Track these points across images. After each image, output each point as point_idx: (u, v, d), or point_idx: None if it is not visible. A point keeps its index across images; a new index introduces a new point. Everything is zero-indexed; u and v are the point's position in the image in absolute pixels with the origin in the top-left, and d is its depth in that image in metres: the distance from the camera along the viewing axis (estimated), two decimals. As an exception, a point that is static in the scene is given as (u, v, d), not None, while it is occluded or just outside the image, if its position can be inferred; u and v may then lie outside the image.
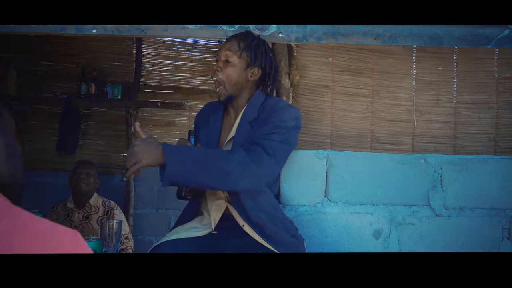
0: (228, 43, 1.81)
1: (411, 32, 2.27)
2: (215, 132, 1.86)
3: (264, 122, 1.75)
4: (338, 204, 2.10)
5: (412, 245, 2.10)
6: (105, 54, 4.28)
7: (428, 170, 2.10)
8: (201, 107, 2.09)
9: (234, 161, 1.59)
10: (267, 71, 1.84)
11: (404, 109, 3.34)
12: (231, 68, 1.76)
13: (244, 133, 1.76)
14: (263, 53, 1.82)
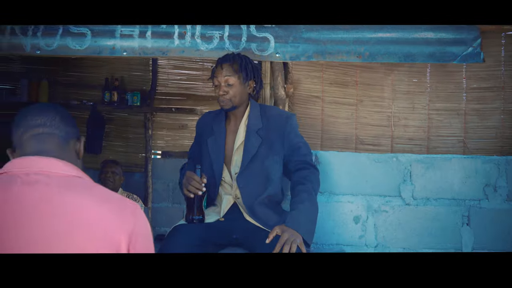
0: (224, 70, 2.01)
1: (387, 51, 2.49)
2: (221, 139, 2.07)
3: (284, 140, 2.03)
4: (324, 194, 2.35)
5: (386, 228, 2.35)
6: (125, 65, 4.55)
7: (399, 167, 2.34)
8: (202, 115, 2.29)
9: (317, 187, 2.00)
10: (257, 81, 2.08)
11: (384, 115, 3.54)
12: (234, 88, 1.99)
13: (253, 142, 2.00)
14: (252, 67, 2.05)
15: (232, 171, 2.05)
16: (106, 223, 0.99)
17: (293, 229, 1.77)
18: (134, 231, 1.02)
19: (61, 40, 2.46)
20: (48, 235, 0.95)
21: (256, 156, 1.99)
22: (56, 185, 1.01)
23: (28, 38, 2.46)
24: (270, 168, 2.01)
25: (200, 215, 1.95)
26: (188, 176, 1.91)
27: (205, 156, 2.10)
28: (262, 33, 2.46)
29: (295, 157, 2.02)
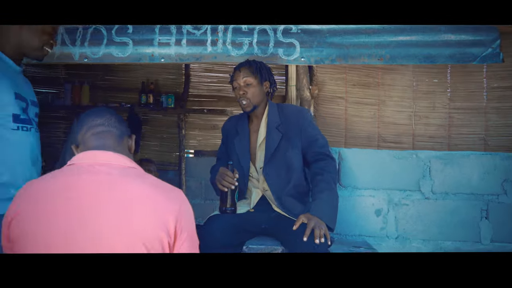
0: (241, 72, 2.20)
1: (408, 53, 2.54)
2: (245, 138, 2.26)
3: (300, 132, 2.17)
4: (347, 188, 2.50)
5: (406, 221, 2.47)
6: (159, 69, 4.72)
7: (419, 163, 2.46)
8: (227, 119, 2.47)
9: (335, 176, 2.12)
10: (271, 82, 2.27)
11: (406, 114, 3.61)
12: (252, 88, 2.18)
13: (274, 137, 2.18)
14: (266, 70, 2.25)
15: (257, 166, 2.22)
16: (156, 203, 1.17)
17: (317, 217, 1.94)
18: (180, 212, 1.19)
19: (106, 48, 2.64)
20: (110, 214, 1.13)
21: (277, 149, 2.15)
22: (116, 174, 1.20)
23: (77, 48, 2.65)
24: (292, 159, 2.16)
25: (232, 207, 2.13)
26: (221, 172, 2.09)
27: (233, 155, 2.28)
28: (288, 39, 2.58)
29: (312, 148, 2.17)
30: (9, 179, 1.67)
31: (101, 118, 1.32)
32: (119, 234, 1.13)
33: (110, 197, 1.15)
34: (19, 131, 1.71)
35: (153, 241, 1.14)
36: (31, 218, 1.15)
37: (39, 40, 1.81)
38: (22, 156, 1.73)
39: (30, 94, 1.85)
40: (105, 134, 1.30)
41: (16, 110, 1.70)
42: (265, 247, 2.10)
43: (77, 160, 1.24)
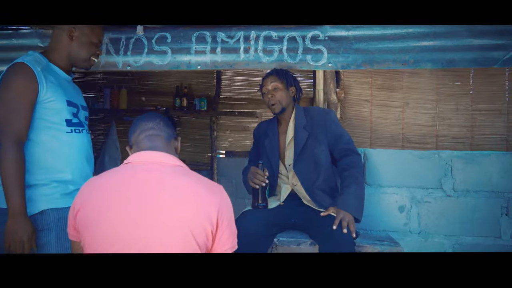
0: (269, 79, 2.43)
1: (431, 58, 2.60)
2: (275, 139, 2.45)
3: (326, 131, 2.33)
4: (372, 186, 2.63)
5: (428, 217, 2.57)
6: (193, 74, 4.88)
7: (441, 162, 2.57)
8: (257, 124, 2.67)
9: (361, 170, 2.26)
10: (297, 87, 2.47)
11: (429, 116, 3.70)
12: (279, 92, 2.40)
13: (302, 136, 2.35)
14: (292, 77, 2.46)
15: (286, 163, 2.40)
16: (201, 196, 1.34)
17: (344, 210, 2.10)
18: (221, 205, 1.36)
19: (146, 57, 2.83)
20: (162, 206, 1.30)
21: (305, 147, 2.33)
22: (166, 171, 1.37)
23: (120, 57, 2.84)
24: (319, 156, 2.33)
25: (264, 202, 2.31)
26: (253, 171, 2.28)
27: (263, 156, 2.48)
28: (316, 45, 2.70)
29: (338, 145, 2.33)
30: (68, 176, 1.86)
31: (152, 122, 1.50)
32: (171, 223, 1.28)
33: (162, 191, 1.32)
34: (73, 133, 1.90)
35: (199, 228, 1.30)
36: (95, 210, 1.32)
37: (87, 52, 1.99)
38: (77, 155, 1.92)
39: (80, 100, 2.04)
40: (156, 136, 1.47)
41: (69, 116, 1.89)
42: (295, 240, 2.24)
43: (132, 159, 1.42)
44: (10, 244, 1.70)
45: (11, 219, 1.70)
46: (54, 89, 1.85)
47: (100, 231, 1.31)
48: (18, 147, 1.73)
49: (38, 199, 1.80)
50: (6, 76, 1.80)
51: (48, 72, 1.87)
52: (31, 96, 1.78)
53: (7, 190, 1.70)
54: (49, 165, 1.83)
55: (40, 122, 1.82)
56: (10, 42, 2.96)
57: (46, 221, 1.80)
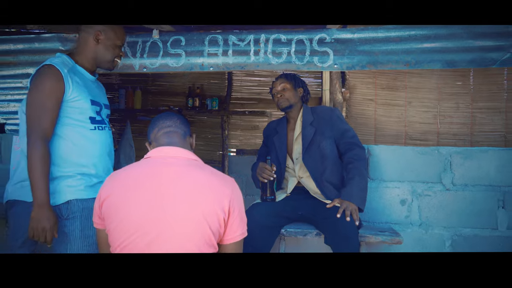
0: (278, 81, 2.66)
1: (432, 59, 2.66)
2: (283, 135, 2.62)
3: (332, 126, 2.48)
4: (375, 181, 2.75)
5: (429, 210, 2.69)
6: (204, 75, 4.97)
7: (440, 158, 2.69)
8: (267, 124, 2.83)
9: (364, 163, 2.40)
10: (304, 89, 2.64)
11: (431, 114, 3.79)
12: (288, 92, 2.60)
13: (309, 131, 2.50)
14: (299, 79, 2.65)
15: (294, 157, 2.56)
16: (215, 187, 1.47)
17: (348, 201, 2.25)
18: (232, 195, 1.49)
19: (162, 59, 2.94)
20: (179, 196, 1.43)
21: (312, 141, 2.49)
22: (184, 165, 1.52)
23: (137, 59, 2.96)
24: (326, 149, 2.48)
25: (272, 196, 2.45)
26: (261, 166, 2.44)
27: (272, 152, 2.64)
28: (322, 47, 2.80)
29: (343, 139, 2.49)
30: (92, 170, 1.99)
31: (169, 121, 1.63)
32: (188, 210, 1.42)
33: (179, 182, 1.45)
34: (96, 130, 2.02)
35: (212, 216, 1.43)
36: (119, 200, 1.45)
37: (112, 54, 2.10)
38: (100, 151, 2.04)
39: (103, 99, 2.16)
40: (173, 133, 1.61)
41: (92, 114, 2.01)
42: (301, 230, 2.39)
43: (152, 154, 1.56)
44: (34, 233, 1.82)
45: (36, 209, 1.81)
46: (79, 89, 1.96)
47: (123, 218, 1.43)
48: (44, 144, 1.84)
49: (65, 190, 1.92)
50: (35, 77, 1.93)
51: (74, 73, 1.99)
52: (58, 96, 1.90)
53: (34, 182, 1.81)
54: (74, 159, 1.95)
55: (66, 119, 1.94)
56: (33, 46, 3.10)
57: (72, 210, 1.91)
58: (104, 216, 1.50)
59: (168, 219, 1.41)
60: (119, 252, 1.46)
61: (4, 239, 3.13)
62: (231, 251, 1.56)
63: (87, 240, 1.93)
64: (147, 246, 1.41)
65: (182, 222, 1.41)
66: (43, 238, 1.82)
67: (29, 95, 1.91)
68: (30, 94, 1.90)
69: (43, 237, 1.82)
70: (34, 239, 1.84)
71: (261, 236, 2.28)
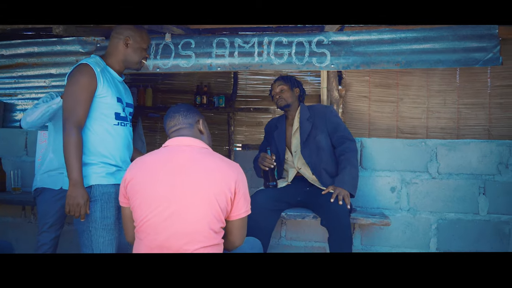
0: (277, 83, 2.84)
1: (421, 59, 2.81)
2: (282, 130, 2.82)
3: (326, 121, 2.65)
4: (368, 170, 2.93)
5: (416, 196, 2.86)
6: (212, 74, 5.07)
7: (427, 149, 2.86)
8: (268, 121, 3.00)
9: (355, 154, 2.57)
10: (301, 89, 2.83)
11: (420, 110, 3.94)
12: (286, 93, 2.79)
13: (306, 126, 2.69)
14: (295, 80, 2.83)
15: (292, 150, 2.76)
16: (223, 171, 1.67)
17: (341, 187, 2.47)
18: (238, 177, 1.69)
19: (173, 60, 3.10)
20: (194, 178, 1.64)
21: (309, 135, 2.69)
22: (195, 152, 1.73)
23: (151, 60, 3.12)
24: (321, 142, 2.68)
25: (274, 182, 2.67)
26: (262, 156, 2.67)
27: (272, 145, 2.84)
28: (320, 49, 2.96)
29: (336, 133, 2.66)
30: (112, 160, 2.17)
31: (173, 120, 1.80)
32: (200, 189, 1.62)
33: (193, 166, 1.66)
34: (119, 126, 2.20)
35: (221, 195, 1.63)
36: (141, 181, 1.66)
37: (139, 56, 2.27)
38: (120, 144, 2.21)
39: (128, 98, 2.34)
40: (180, 130, 1.80)
41: (118, 110, 2.18)
42: (300, 214, 2.61)
43: (169, 143, 1.77)
44: (70, 209, 1.98)
45: (71, 188, 1.97)
46: (108, 87, 2.13)
47: (145, 196, 1.64)
48: (78, 131, 2.02)
49: (89, 175, 2.08)
50: (72, 73, 2.11)
51: (105, 73, 2.17)
52: (91, 90, 2.07)
53: (69, 164, 1.97)
54: (98, 149, 2.12)
55: (95, 113, 2.12)
56: (55, 48, 3.30)
57: (94, 194, 2.08)
58: (129, 195, 1.69)
59: (184, 197, 1.60)
60: (141, 226, 1.65)
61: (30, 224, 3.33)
62: (236, 226, 1.75)
63: (106, 220, 2.10)
64: (166, 220, 1.60)
65: (196, 200, 1.60)
66: (78, 213, 2.00)
67: (67, 89, 2.08)
68: (67, 88, 2.08)
69: (77, 212, 2.00)
70: (70, 214, 2.01)
71: (265, 217, 2.50)
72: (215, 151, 1.76)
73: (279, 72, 4.66)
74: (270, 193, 2.64)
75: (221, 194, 1.62)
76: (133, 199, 1.68)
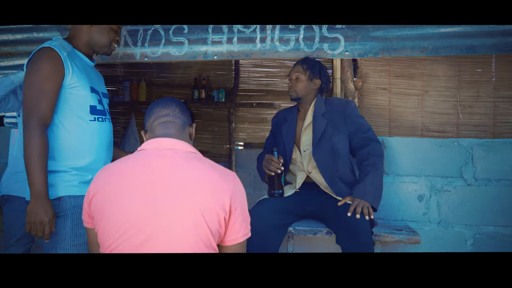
0: (295, 67, 2.48)
1: (450, 44, 2.53)
2: (292, 124, 2.50)
3: (346, 120, 2.34)
4: (390, 175, 2.61)
5: (448, 207, 2.55)
6: (211, 66, 4.92)
7: (461, 150, 2.54)
8: (277, 112, 2.71)
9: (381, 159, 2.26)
10: (323, 80, 2.48)
11: (450, 104, 3.68)
12: (301, 83, 2.45)
13: (320, 122, 2.37)
14: (319, 69, 2.47)
15: (301, 149, 2.42)
16: (214, 182, 1.35)
17: (360, 199, 2.11)
18: (234, 191, 1.37)
19: (164, 48, 2.84)
20: (176, 192, 1.31)
21: (324, 134, 2.34)
22: (179, 158, 1.39)
23: (138, 48, 2.86)
24: (338, 145, 2.34)
25: (280, 190, 2.32)
26: (268, 158, 2.31)
27: (280, 141, 2.51)
28: (333, 34, 2.67)
29: (358, 134, 2.34)
30: (88, 164, 1.88)
31: (167, 109, 1.50)
32: (184, 207, 1.30)
33: (174, 177, 1.33)
34: (95, 122, 1.91)
35: (211, 215, 1.31)
36: (109, 195, 1.34)
37: (107, 38, 2.01)
38: (99, 144, 1.93)
39: (102, 87, 2.07)
40: (170, 123, 1.48)
41: (93, 102, 1.90)
42: (311, 228, 2.26)
43: (146, 146, 1.44)
44: (31, 227, 1.72)
45: (33, 201, 1.71)
46: (79, 74, 1.87)
47: (113, 216, 1.33)
48: (42, 130, 1.75)
49: (57, 185, 1.82)
50: (32, 60, 1.83)
51: (73, 57, 1.90)
52: (57, 79, 1.81)
53: (30, 172, 1.71)
54: (70, 151, 1.85)
55: (64, 107, 1.85)
56: (31, 36, 3.01)
57: (63, 208, 1.82)
58: (93, 213, 1.40)
59: (162, 218, 1.30)
60: (109, 252, 1.35)
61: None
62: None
63: (78, 239, 1.83)
64: (139, 246, 1.31)
65: (177, 221, 1.30)
66: (41, 233, 1.73)
67: (27, 79, 1.81)
68: (27, 78, 1.80)
69: (40, 232, 1.72)
70: (32, 234, 1.75)
71: (268, 236, 2.15)
72: (214, 151, 1.38)
73: (283, 62, 4.56)
74: (275, 203, 2.29)
75: (211, 213, 1.32)
76: (98, 219, 1.38)
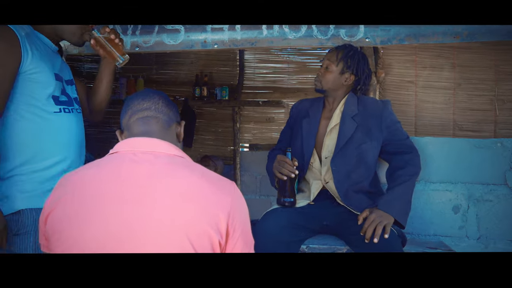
0: (329, 54, 2.17)
1: (489, 29, 2.33)
2: (315, 121, 2.19)
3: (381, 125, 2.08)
4: (420, 182, 2.36)
5: (490, 219, 2.31)
6: (213, 61, 4.78)
7: (504, 153, 2.29)
8: (299, 100, 2.42)
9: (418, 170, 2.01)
10: (360, 76, 2.15)
11: (486, 99, 3.52)
12: (329, 74, 2.13)
13: (349, 126, 2.09)
14: (357, 62, 2.14)
15: (322, 155, 2.12)
16: (205, 196, 1.08)
17: (384, 211, 1.84)
18: (232, 207, 1.09)
19: (157, 36, 2.64)
20: (152, 210, 1.04)
21: (351, 140, 2.06)
22: (161, 164, 1.11)
23: (128, 37, 2.66)
24: (367, 153, 2.07)
25: (291, 198, 2.04)
26: (279, 159, 2.01)
27: (297, 138, 2.21)
28: None
29: (395, 139, 2.09)
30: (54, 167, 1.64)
31: (147, 102, 1.24)
32: (162, 230, 1.05)
33: (151, 187, 1.07)
34: (62, 113, 1.67)
35: (201, 237, 1.05)
36: (68, 212, 1.09)
37: (78, 26, 1.75)
38: (67, 140, 1.70)
39: (66, 74, 1.80)
40: (151, 119, 1.22)
41: (57, 92, 1.66)
42: (328, 247, 2.01)
43: (119, 148, 1.17)
44: None
45: None
46: (40, 58, 1.63)
47: (73, 240, 1.08)
48: None
49: (15, 196, 1.57)
50: None
51: (33, 39, 1.66)
52: (13, 63, 1.57)
53: None
54: (29, 152, 1.61)
55: (21, 96, 1.60)
56: None
57: (24, 224, 1.57)
58: (48, 234, 1.15)
59: (136, 241, 1.06)
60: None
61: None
62: None
63: None
64: None
65: (155, 246, 1.05)
66: None
67: None
68: None
69: None
70: None
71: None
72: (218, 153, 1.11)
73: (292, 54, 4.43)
74: (285, 216, 2.00)
75: (202, 237, 1.06)
76: (54, 243, 1.12)
